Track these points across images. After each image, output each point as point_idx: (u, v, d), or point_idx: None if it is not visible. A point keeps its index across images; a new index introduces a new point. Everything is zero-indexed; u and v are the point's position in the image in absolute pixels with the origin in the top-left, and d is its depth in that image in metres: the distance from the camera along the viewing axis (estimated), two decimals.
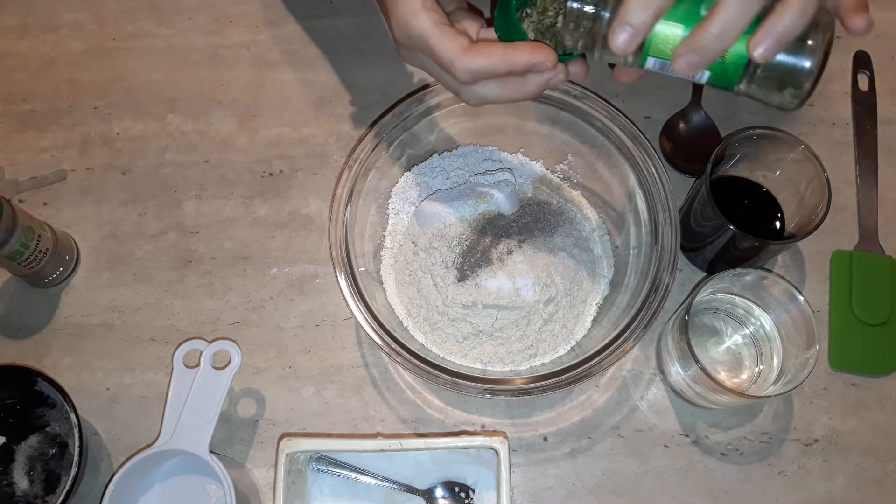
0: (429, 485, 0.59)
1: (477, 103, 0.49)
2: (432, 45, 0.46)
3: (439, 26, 0.47)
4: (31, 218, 0.62)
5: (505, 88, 0.47)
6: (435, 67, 0.49)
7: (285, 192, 0.69)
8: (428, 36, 0.46)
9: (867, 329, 0.64)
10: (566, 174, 0.68)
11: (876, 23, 0.74)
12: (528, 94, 0.47)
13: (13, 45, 0.76)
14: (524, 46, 0.45)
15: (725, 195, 0.58)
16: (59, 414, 0.60)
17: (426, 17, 0.47)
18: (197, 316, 0.65)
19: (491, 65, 0.45)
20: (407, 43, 0.49)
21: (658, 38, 0.41)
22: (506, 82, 0.47)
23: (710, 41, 0.39)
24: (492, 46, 0.46)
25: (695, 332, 0.61)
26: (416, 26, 0.47)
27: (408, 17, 0.47)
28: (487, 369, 0.60)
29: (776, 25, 0.38)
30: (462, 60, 0.46)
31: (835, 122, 0.71)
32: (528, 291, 0.60)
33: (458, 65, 0.46)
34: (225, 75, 0.74)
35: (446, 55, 0.46)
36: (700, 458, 0.61)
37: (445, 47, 0.46)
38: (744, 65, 0.41)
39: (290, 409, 0.63)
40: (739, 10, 0.38)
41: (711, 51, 0.40)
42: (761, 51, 0.39)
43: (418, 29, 0.47)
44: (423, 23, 0.47)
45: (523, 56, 0.45)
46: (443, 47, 0.46)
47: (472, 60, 0.45)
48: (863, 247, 0.66)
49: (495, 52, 0.45)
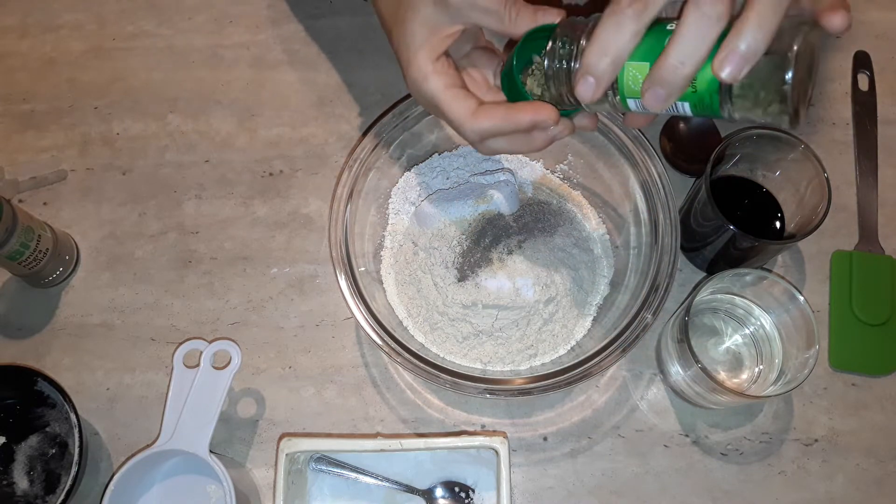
0: (429, 485, 0.59)
1: (490, 154, 0.52)
2: (443, 109, 0.49)
3: (449, 90, 0.49)
4: (31, 218, 0.62)
5: (512, 144, 0.49)
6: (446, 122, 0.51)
7: (285, 192, 0.69)
8: (439, 100, 0.49)
9: (867, 329, 0.64)
10: (566, 174, 0.68)
11: (876, 23, 0.75)
12: (536, 148, 0.49)
13: (13, 45, 0.76)
14: (525, 107, 0.47)
15: (725, 195, 0.58)
16: (59, 414, 0.60)
17: (437, 81, 0.49)
18: (197, 316, 0.65)
19: (496, 126, 0.48)
20: (420, 102, 0.52)
21: (628, 78, 0.41)
22: (513, 139, 0.49)
23: (671, 72, 0.38)
24: (496, 108, 0.48)
25: (695, 332, 0.61)
26: (428, 90, 0.49)
27: (419, 80, 0.49)
28: (487, 369, 0.60)
29: (736, 42, 0.37)
30: (470, 123, 0.48)
31: (835, 122, 0.71)
32: (528, 291, 0.60)
33: (466, 127, 0.48)
34: (225, 75, 0.74)
35: (456, 118, 0.49)
36: (700, 458, 0.61)
37: (454, 111, 0.48)
38: (716, 90, 0.39)
39: (290, 409, 0.63)
40: (697, 36, 0.37)
41: (674, 82, 0.39)
42: (727, 72, 0.37)
43: (430, 93, 0.49)
44: (433, 87, 0.49)
45: (525, 117, 0.47)
46: (452, 111, 0.49)
47: (479, 123, 0.48)
48: (863, 247, 0.66)
49: (499, 114, 0.47)
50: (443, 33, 0.49)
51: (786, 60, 0.37)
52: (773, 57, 0.38)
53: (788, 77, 0.37)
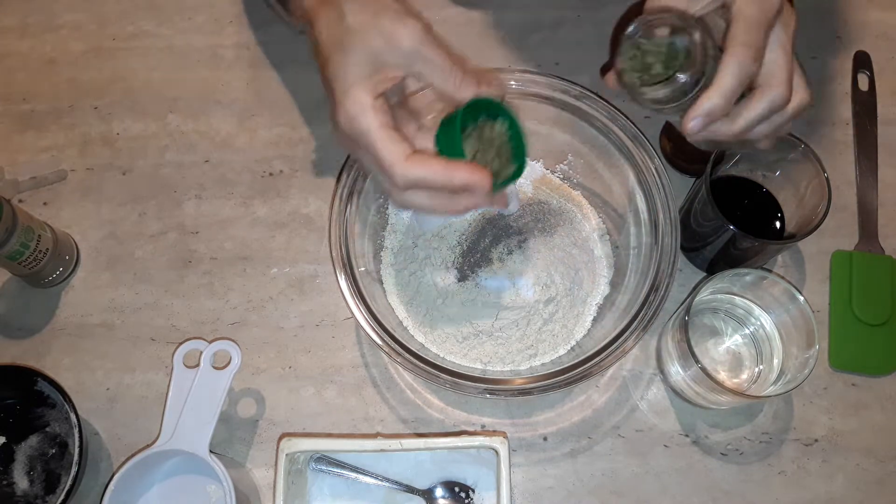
0: (429, 485, 0.59)
1: (405, 208, 0.49)
2: (376, 147, 0.46)
3: (385, 129, 0.46)
4: (31, 218, 0.62)
5: (435, 201, 0.48)
6: (371, 165, 0.48)
7: (285, 192, 0.69)
8: (373, 136, 0.46)
9: (867, 329, 0.64)
10: (566, 174, 0.68)
11: (876, 23, 0.75)
12: (455, 212, 0.48)
13: (13, 45, 0.76)
14: (464, 166, 0.46)
15: (725, 195, 0.58)
16: (59, 414, 0.60)
17: (374, 118, 0.46)
18: (197, 316, 0.65)
19: (429, 177, 0.46)
20: (350, 136, 0.48)
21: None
22: (437, 195, 0.47)
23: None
24: (433, 160, 0.47)
25: (695, 332, 0.61)
26: (362, 125, 0.46)
27: (355, 114, 0.46)
28: (487, 369, 0.60)
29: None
30: (402, 167, 0.46)
31: (835, 122, 0.71)
32: (528, 291, 0.60)
33: (397, 171, 0.46)
34: (225, 75, 0.74)
35: (387, 159, 0.46)
36: (700, 458, 0.61)
37: (388, 151, 0.46)
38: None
39: (290, 409, 0.63)
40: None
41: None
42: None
43: (364, 127, 0.46)
44: (369, 123, 0.46)
45: (462, 175, 0.46)
46: (385, 151, 0.46)
47: (412, 169, 0.46)
48: (863, 247, 0.66)
49: (436, 166, 0.46)
50: (387, 73, 0.47)
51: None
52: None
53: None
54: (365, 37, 0.47)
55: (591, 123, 0.62)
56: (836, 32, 0.75)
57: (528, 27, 0.75)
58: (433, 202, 0.48)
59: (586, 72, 0.71)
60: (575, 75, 0.63)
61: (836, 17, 0.75)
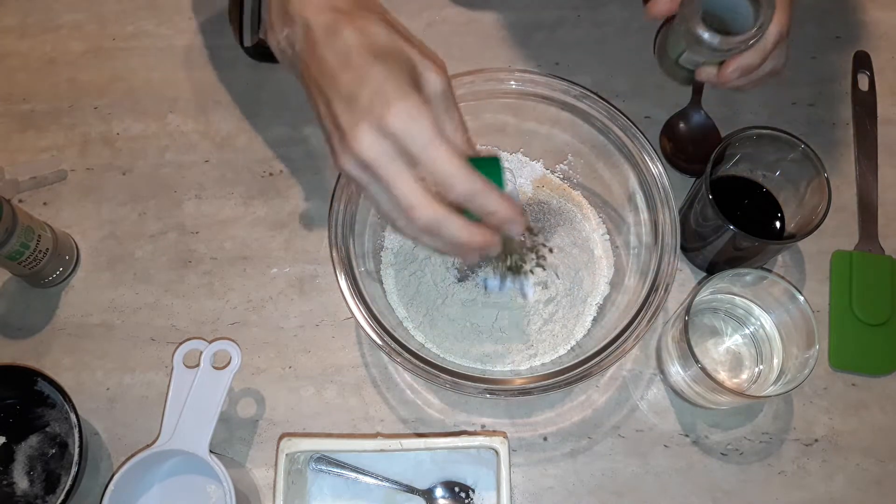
0: (429, 485, 0.59)
1: (417, 244, 0.48)
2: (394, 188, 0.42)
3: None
4: (31, 218, 0.62)
5: (448, 248, 0.45)
6: (387, 205, 0.44)
7: (285, 192, 0.69)
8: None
9: (867, 329, 0.64)
10: (566, 174, 0.68)
11: (876, 23, 0.75)
12: (466, 258, 0.47)
13: (13, 45, 0.76)
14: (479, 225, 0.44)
15: (725, 195, 0.58)
16: (59, 414, 0.60)
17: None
18: (197, 316, 0.65)
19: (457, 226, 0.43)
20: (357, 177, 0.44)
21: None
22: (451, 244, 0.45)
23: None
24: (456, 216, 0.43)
25: (695, 332, 0.61)
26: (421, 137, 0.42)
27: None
28: (487, 369, 0.60)
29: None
30: (422, 211, 0.42)
31: (835, 122, 0.71)
32: (529, 291, 0.60)
33: (417, 213, 0.42)
34: (225, 75, 0.74)
35: (406, 200, 0.42)
36: (700, 458, 0.61)
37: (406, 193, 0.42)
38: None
39: (290, 409, 0.63)
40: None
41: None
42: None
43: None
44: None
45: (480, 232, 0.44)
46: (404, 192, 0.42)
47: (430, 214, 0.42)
48: (863, 247, 0.66)
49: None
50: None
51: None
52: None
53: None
54: (403, 50, 0.44)
55: (591, 123, 0.62)
56: (836, 32, 0.75)
57: (528, 27, 0.75)
58: (444, 248, 0.45)
59: (586, 72, 0.71)
60: (575, 75, 0.63)
61: (836, 17, 0.75)
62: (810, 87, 0.72)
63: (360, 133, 0.41)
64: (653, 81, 0.71)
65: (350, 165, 0.43)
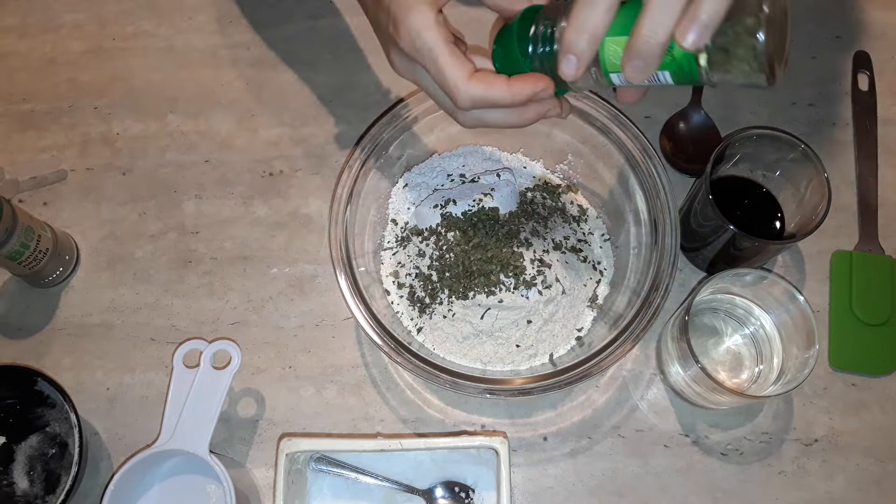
0: (429, 485, 0.59)
1: (472, 126, 0.49)
2: (440, 64, 0.46)
3: (449, 45, 0.46)
4: (31, 218, 0.62)
5: (505, 115, 0.47)
6: (433, 86, 0.48)
7: (285, 192, 0.69)
8: (437, 54, 0.45)
9: (867, 329, 0.64)
10: (566, 174, 0.68)
11: (876, 23, 0.75)
12: (526, 122, 0.48)
13: (13, 45, 0.76)
14: (527, 78, 0.46)
15: (725, 195, 0.58)
16: (59, 414, 0.60)
17: (438, 33, 0.45)
18: (197, 316, 0.65)
19: (494, 95, 0.45)
20: (411, 54, 0.47)
21: (608, 54, 0.42)
22: (507, 112, 0.47)
23: (645, 43, 0.39)
24: (496, 79, 0.46)
25: (695, 332, 0.61)
26: (428, 41, 0.46)
27: (420, 29, 0.46)
28: (487, 369, 0.60)
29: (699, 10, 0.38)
30: (467, 86, 0.45)
31: (835, 122, 0.71)
32: (528, 291, 0.60)
33: (462, 90, 0.45)
34: (225, 75, 0.74)
35: (452, 78, 0.45)
36: (700, 458, 0.61)
37: (453, 69, 0.45)
38: (693, 56, 0.40)
39: (290, 409, 0.63)
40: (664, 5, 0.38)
41: (649, 52, 0.40)
42: (690, 40, 0.38)
43: (429, 44, 0.46)
44: (434, 38, 0.45)
45: (527, 88, 0.45)
46: (451, 68, 0.45)
47: (477, 88, 0.45)
48: (863, 247, 0.66)
49: (500, 84, 0.45)
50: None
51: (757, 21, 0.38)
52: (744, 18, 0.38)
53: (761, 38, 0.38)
54: None
55: (591, 123, 0.62)
56: (836, 32, 0.75)
57: None
58: (501, 117, 0.47)
59: None
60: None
61: (836, 17, 0.75)
62: (810, 87, 0.72)
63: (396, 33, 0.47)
64: None
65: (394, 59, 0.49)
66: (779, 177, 0.63)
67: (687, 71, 0.41)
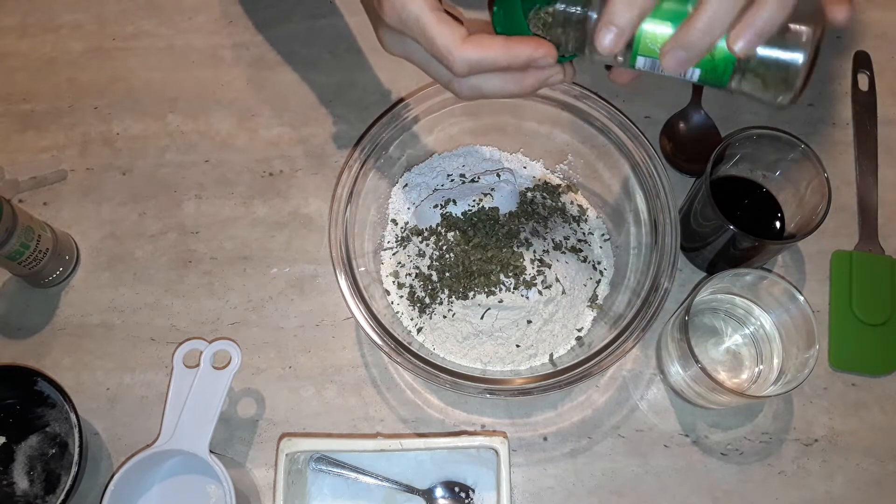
0: (429, 485, 0.59)
1: (470, 96, 0.47)
2: (429, 32, 0.44)
3: (437, 12, 0.44)
4: (31, 218, 0.62)
5: (503, 82, 0.46)
6: (425, 57, 0.46)
7: (285, 192, 0.69)
8: (425, 21, 0.44)
9: (867, 329, 0.64)
10: (566, 174, 0.68)
11: (876, 23, 0.75)
12: (526, 90, 0.46)
13: (13, 45, 0.76)
14: (527, 40, 0.44)
15: (725, 195, 0.58)
16: (59, 414, 0.60)
17: (424, 2, 0.44)
18: (197, 316, 0.65)
19: (491, 57, 0.44)
20: (398, 27, 0.46)
21: (646, 36, 0.41)
22: (504, 76, 0.45)
23: (697, 37, 0.39)
24: (492, 38, 0.44)
25: (695, 332, 0.61)
26: (414, 10, 0.44)
27: (405, 1, 0.44)
28: (487, 369, 0.60)
29: (756, 18, 0.38)
30: (460, 51, 0.43)
31: (835, 122, 0.71)
32: (529, 291, 0.60)
33: (456, 55, 0.44)
34: (225, 75, 0.74)
35: (443, 44, 0.44)
36: (700, 458, 0.61)
37: (443, 35, 0.44)
38: (733, 61, 0.40)
39: (290, 409, 0.63)
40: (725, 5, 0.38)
41: (698, 46, 0.39)
42: (741, 45, 0.38)
43: (415, 13, 0.44)
44: (420, 7, 0.44)
45: (526, 50, 0.44)
46: (441, 35, 0.44)
47: (471, 51, 0.44)
48: (863, 247, 0.66)
49: (496, 44, 0.44)
50: None
51: (803, 41, 0.38)
52: (791, 36, 0.38)
53: (802, 60, 0.38)
54: None
55: (591, 123, 0.62)
56: (836, 32, 0.75)
57: None
58: (502, 84, 0.45)
59: (586, 72, 0.71)
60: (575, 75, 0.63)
61: None
62: (810, 87, 0.71)
63: (380, 8, 0.46)
64: (653, 81, 0.70)
65: (383, 37, 0.48)
66: (779, 177, 0.63)
67: (720, 73, 0.41)
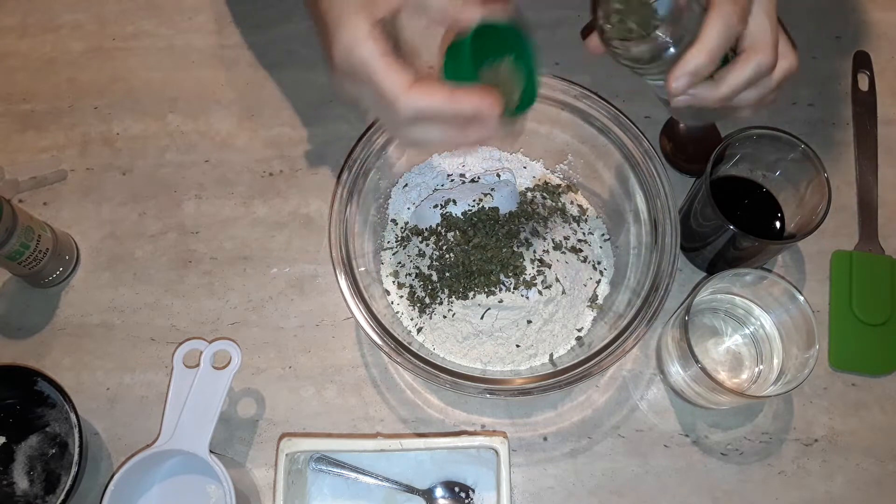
0: (429, 485, 0.59)
1: (412, 144, 0.47)
2: (377, 78, 0.43)
3: (385, 57, 0.43)
4: (31, 218, 0.62)
5: (442, 133, 0.45)
6: (374, 101, 0.45)
7: (285, 192, 0.69)
8: (373, 67, 0.43)
9: (867, 329, 0.64)
10: (566, 174, 0.68)
11: (876, 23, 0.75)
12: (468, 142, 0.45)
13: (13, 45, 0.76)
14: (472, 91, 0.43)
15: (725, 195, 0.58)
16: (59, 414, 0.60)
17: (373, 47, 0.43)
18: (197, 316, 0.65)
19: (434, 105, 0.43)
20: (348, 71, 0.45)
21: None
22: (445, 127, 0.45)
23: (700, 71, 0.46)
24: (437, 86, 0.43)
25: (695, 332, 0.61)
26: (360, 56, 0.44)
27: (352, 44, 0.44)
28: (487, 369, 0.60)
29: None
30: (406, 97, 0.43)
31: (835, 122, 0.71)
32: (529, 291, 0.60)
33: (401, 102, 0.43)
34: (225, 75, 0.74)
35: (391, 89, 0.43)
36: (700, 458, 0.61)
37: (389, 82, 0.43)
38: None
39: (290, 409, 0.63)
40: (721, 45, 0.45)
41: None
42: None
43: (364, 58, 0.43)
44: (367, 52, 0.43)
45: (470, 100, 0.43)
46: (388, 80, 0.43)
47: (416, 98, 0.43)
48: (863, 247, 0.66)
49: (441, 92, 0.43)
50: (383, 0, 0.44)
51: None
52: None
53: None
54: None
55: (591, 123, 0.62)
56: (836, 32, 0.75)
57: (529, 27, 0.75)
58: (440, 134, 0.45)
59: (586, 72, 0.71)
60: (575, 75, 0.63)
61: (836, 17, 0.75)
62: (810, 87, 0.72)
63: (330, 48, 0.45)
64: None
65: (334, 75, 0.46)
66: (779, 177, 0.63)
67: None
